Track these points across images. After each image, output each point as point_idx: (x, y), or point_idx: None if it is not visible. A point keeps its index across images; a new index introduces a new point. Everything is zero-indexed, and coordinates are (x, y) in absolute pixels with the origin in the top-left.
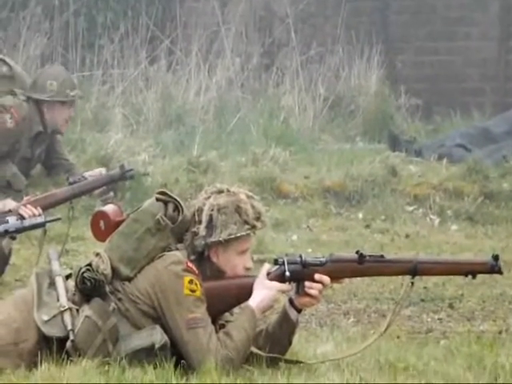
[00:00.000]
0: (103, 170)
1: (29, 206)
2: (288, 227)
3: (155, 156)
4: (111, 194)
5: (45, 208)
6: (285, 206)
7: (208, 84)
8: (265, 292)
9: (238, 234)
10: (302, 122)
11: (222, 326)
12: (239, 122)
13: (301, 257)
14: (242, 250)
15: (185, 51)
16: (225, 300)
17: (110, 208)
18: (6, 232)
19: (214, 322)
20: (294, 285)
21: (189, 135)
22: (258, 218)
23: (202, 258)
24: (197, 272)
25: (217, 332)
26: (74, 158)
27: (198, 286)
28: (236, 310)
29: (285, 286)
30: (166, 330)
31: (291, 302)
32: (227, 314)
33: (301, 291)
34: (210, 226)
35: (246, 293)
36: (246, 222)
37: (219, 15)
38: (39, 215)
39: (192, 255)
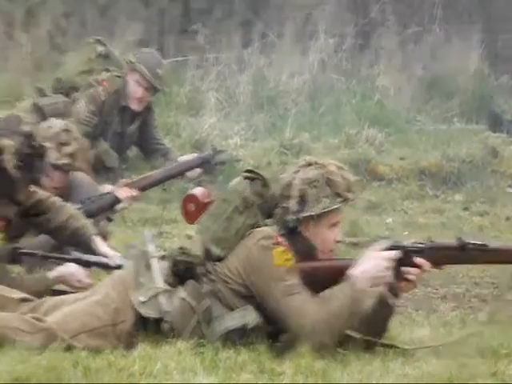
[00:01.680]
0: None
1: (125, 188)
2: (383, 210)
3: (247, 139)
4: (203, 176)
5: (140, 190)
6: (379, 187)
7: (301, 66)
8: (370, 262)
9: (332, 208)
10: (397, 103)
11: None
12: (332, 103)
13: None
14: (333, 223)
15: (278, 34)
16: (316, 283)
17: (198, 190)
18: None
19: None
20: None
21: (281, 118)
22: (349, 190)
23: (292, 233)
24: (287, 246)
25: None
26: (168, 143)
27: (290, 256)
28: None
29: (392, 253)
30: (260, 306)
31: (389, 286)
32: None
33: (399, 276)
34: (302, 200)
35: (338, 276)
36: (338, 195)
37: None
38: (136, 195)
39: (282, 230)
